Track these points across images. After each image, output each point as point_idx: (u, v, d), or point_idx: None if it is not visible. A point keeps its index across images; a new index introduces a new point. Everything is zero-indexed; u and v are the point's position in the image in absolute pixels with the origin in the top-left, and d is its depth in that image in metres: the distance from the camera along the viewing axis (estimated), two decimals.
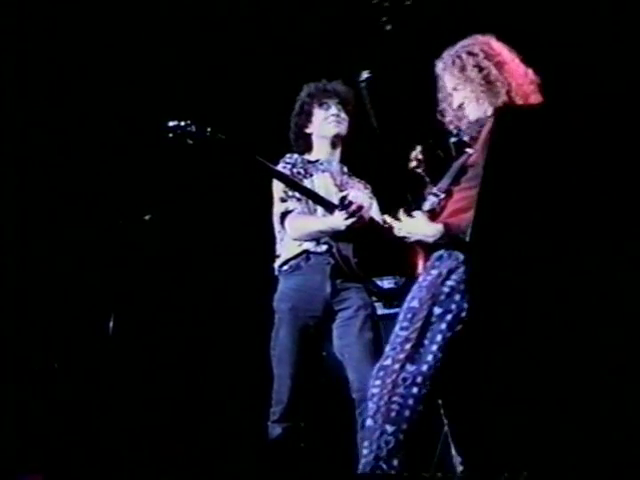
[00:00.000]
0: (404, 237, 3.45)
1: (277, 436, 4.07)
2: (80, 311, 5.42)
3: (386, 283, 4.42)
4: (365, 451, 3.21)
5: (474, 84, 3.41)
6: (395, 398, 3.18)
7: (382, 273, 4.33)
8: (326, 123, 4.34)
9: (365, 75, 3.89)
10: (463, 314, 3.20)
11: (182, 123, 4.01)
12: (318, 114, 4.35)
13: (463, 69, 3.43)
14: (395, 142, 3.95)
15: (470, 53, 3.44)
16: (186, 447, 5.15)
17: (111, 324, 5.08)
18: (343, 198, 4.04)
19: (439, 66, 3.53)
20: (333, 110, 4.33)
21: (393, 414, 3.17)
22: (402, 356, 3.21)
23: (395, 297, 4.41)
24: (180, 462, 4.88)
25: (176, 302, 5.60)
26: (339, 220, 4.02)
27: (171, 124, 4.01)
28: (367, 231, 4.10)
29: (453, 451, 3.44)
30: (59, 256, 5.48)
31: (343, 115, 4.35)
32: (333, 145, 4.38)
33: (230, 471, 4.87)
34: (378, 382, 3.24)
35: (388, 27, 4.12)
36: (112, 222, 5.40)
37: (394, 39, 4.25)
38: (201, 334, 5.58)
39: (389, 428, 3.17)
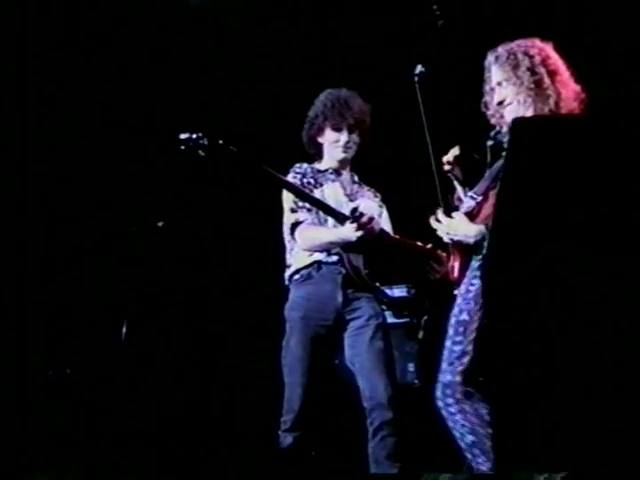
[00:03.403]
0: (444, 238, 3.41)
1: (288, 445, 4.07)
2: (93, 318, 5.45)
3: (397, 292, 4.44)
4: (482, 467, 3.20)
5: (522, 86, 3.34)
6: (476, 405, 3.20)
7: (393, 283, 4.35)
8: (335, 147, 4.33)
9: (419, 69, 3.78)
10: None
11: (194, 136, 4.01)
12: (329, 135, 4.33)
13: (516, 67, 3.36)
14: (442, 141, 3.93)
15: (526, 54, 3.37)
16: (198, 455, 5.17)
17: (124, 331, 5.11)
18: (354, 210, 4.05)
19: (490, 58, 3.45)
20: (344, 137, 4.29)
21: (486, 418, 3.19)
22: (461, 369, 3.21)
23: (405, 307, 4.43)
24: (191, 470, 4.90)
25: (188, 310, 5.62)
26: (350, 232, 4.04)
27: (183, 137, 4.02)
28: (377, 242, 4.12)
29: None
30: (72, 263, 5.51)
31: (354, 139, 4.32)
32: (342, 162, 4.39)
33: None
34: (450, 400, 3.23)
35: (440, 22, 4.08)
36: (126, 229, 5.43)
37: (446, 35, 4.21)
38: (213, 342, 5.60)
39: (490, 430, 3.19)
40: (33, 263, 5.47)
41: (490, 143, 3.52)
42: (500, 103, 3.43)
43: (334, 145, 4.33)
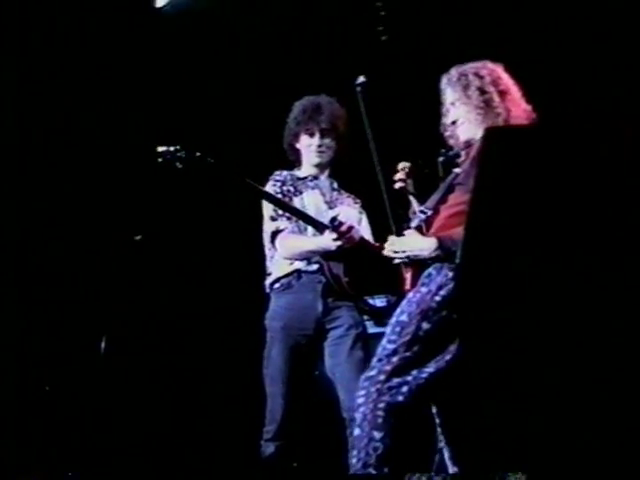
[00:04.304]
0: (400, 256, 3.49)
1: (270, 454, 4.08)
2: (72, 332, 5.41)
3: (378, 302, 4.44)
4: (354, 460, 3.25)
5: (472, 105, 3.45)
6: (381, 405, 3.23)
7: (373, 292, 4.36)
8: (310, 151, 4.36)
9: (361, 79, 3.88)
10: (451, 328, 3.24)
11: (171, 148, 4.04)
12: (304, 139, 4.37)
13: (466, 87, 3.47)
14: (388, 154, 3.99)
15: (477, 75, 3.48)
16: (180, 466, 5.15)
17: (103, 344, 5.09)
18: (333, 219, 4.08)
19: (444, 80, 3.56)
20: (316, 141, 4.33)
21: (380, 420, 3.22)
22: (388, 368, 3.26)
23: (386, 315, 4.43)
24: None
25: (169, 322, 5.59)
26: (329, 240, 4.06)
27: (160, 149, 4.05)
28: (357, 250, 4.13)
29: (447, 455, 3.48)
30: (50, 277, 5.47)
31: (327, 143, 4.34)
32: (318, 167, 4.41)
33: None
34: (363, 392, 3.29)
35: (384, 37, 4.12)
36: (104, 243, 5.41)
37: (390, 49, 4.25)
38: (194, 352, 5.58)
39: (377, 434, 3.21)
40: (7, 278, 5.42)
41: (441, 159, 3.66)
42: (453, 123, 3.53)
43: (308, 149, 4.36)
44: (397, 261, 3.51)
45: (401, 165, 3.82)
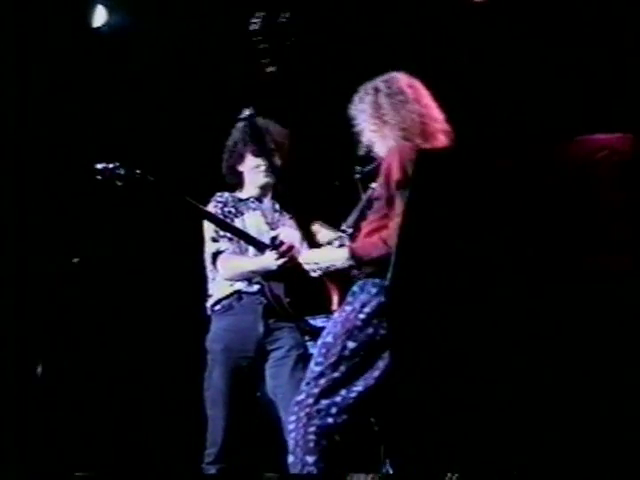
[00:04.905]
0: (314, 269, 3.53)
1: (212, 478, 4.05)
2: (6, 358, 5.30)
3: (319, 322, 4.42)
4: None
5: (371, 122, 3.48)
6: (311, 429, 3.23)
7: (314, 312, 4.34)
8: (257, 172, 4.32)
9: (247, 112, 3.91)
10: (377, 345, 3.27)
11: (110, 165, 4.00)
12: (250, 161, 4.33)
13: (365, 106, 3.50)
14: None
15: (375, 89, 3.50)
16: None
17: (39, 370, 5.00)
18: (274, 238, 4.08)
19: (355, 99, 3.57)
20: (265, 163, 4.27)
21: (311, 444, 3.22)
22: (316, 391, 3.27)
23: None
24: None
25: (108, 344, 5.52)
26: (270, 260, 4.05)
27: (99, 166, 4.00)
28: (298, 270, 4.11)
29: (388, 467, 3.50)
30: None
31: (275, 163, 4.30)
32: (263, 188, 4.40)
33: None
34: (293, 417, 3.30)
35: (271, 69, 4.14)
36: (40, 265, 5.32)
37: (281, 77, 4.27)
38: (134, 375, 5.51)
39: (310, 459, 3.22)
40: None
41: (357, 176, 3.72)
42: (368, 140, 3.55)
43: (255, 170, 4.32)
44: (315, 274, 3.54)
45: (314, 229, 3.85)
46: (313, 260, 3.54)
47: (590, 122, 4.41)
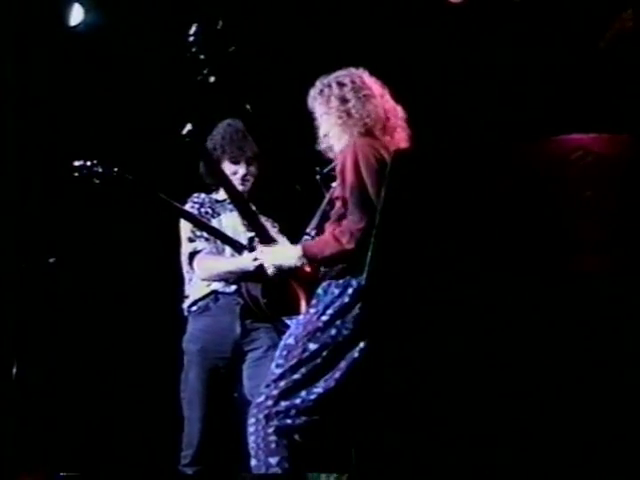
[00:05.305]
0: (270, 269, 3.59)
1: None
2: None
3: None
4: None
5: (335, 116, 3.47)
6: (270, 430, 3.25)
7: (291, 313, 4.33)
8: (235, 179, 4.26)
9: (188, 128, 3.90)
10: (339, 346, 3.29)
11: (88, 163, 3.98)
12: (227, 167, 4.28)
13: (328, 99, 3.49)
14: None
15: (339, 83, 3.50)
16: None
17: (14, 370, 4.97)
18: (251, 239, 4.06)
19: (311, 94, 3.57)
20: (242, 170, 4.26)
21: (273, 445, 3.25)
22: (275, 392, 3.29)
23: None
24: None
25: (84, 344, 5.49)
26: (247, 261, 4.02)
27: (77, 164, 3.98)
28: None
29: None
30: None
31: (252, 172, 4.30)
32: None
33: None
34: (252, 420, 3.32)
35: (212, 79, 4.12)
36: (16, 265, 5.29)
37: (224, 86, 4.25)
38: (110, 376, 5.48)
39: (273, 460, 3.24)
40: None
41: (318, 177, 3.76)
42: (325, 136, 3.55)
43: (232, 177, 4.28)
44: (270, 272, 3.59)
45: None
46: (265, 258, 3.59)
47: (565, 121, 4.42)
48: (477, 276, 2.69)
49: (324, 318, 3.31)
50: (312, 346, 3.29)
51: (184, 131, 3.90)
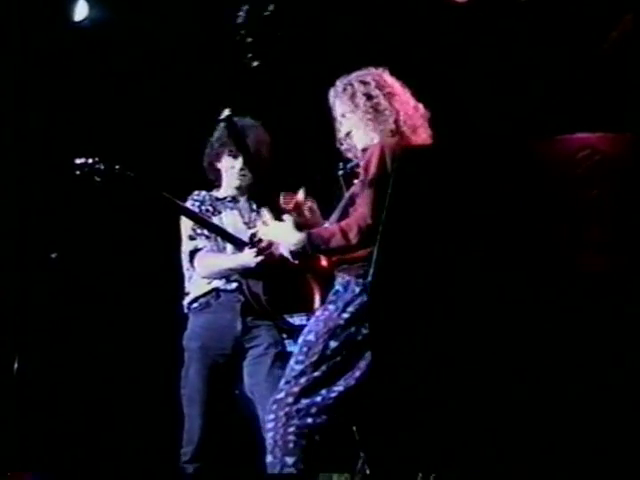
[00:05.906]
0: (268, 248, 3.60)
1: (188, 477, 4.04)
2: None
3: (297, 320, 4.42)
4: None
5: (361, 112, 3.45)
6: (291, 429, 3.22)
7: (292, 310, 4.34)
8: (232, 173, 4.31)
9: (226, 113, 3.82)
10: (359, 345, 3.26)
11: (90, 160, 3.98)
12: (226, 160, 4.32)
13: (353, 96, 3.47)
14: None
15: (362, 82, 3.49)
16: None
17: (15, 366, 4.97)
18: (253, 235, 4.06)
19: (331, 93, 3.56)
20: (239, 164, 4.28)
21: (291, 445, 3.21)
22: (296, 389, 3.26)
23: None
24: None
25: (85, 340, 5.50)
26: (249, 257, 4.03)
27: (78, 161, 3.98)
28: (277, 268, 4.10)
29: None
30: None
31: (252, 165, 4.26)
32: (239, 188, 4.38)
33: None
34: (272, 416, 3.28)
35: (255, 63, 4.10)
36: (18, 261, 5.28)
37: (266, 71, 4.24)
38: (111, 372, 5.49)
39: (289, 460, 3.21)
40: None
41: (341, 173, 3.69)
42: (348, 134, 3.54)
43: (230, 171, 4.32)
44: (284, 252, 3.48)
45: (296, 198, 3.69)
46: (271, 235, 3.56)
47: (572, 120, 4.42)
48: (482, 274, 2.69)
49: (345, 315, 3.29)
50: (333, 344, 3.26)
51: (222, 116, 3.81)
